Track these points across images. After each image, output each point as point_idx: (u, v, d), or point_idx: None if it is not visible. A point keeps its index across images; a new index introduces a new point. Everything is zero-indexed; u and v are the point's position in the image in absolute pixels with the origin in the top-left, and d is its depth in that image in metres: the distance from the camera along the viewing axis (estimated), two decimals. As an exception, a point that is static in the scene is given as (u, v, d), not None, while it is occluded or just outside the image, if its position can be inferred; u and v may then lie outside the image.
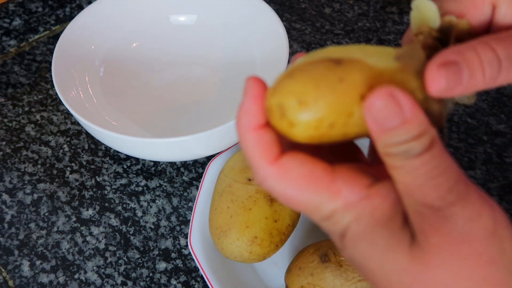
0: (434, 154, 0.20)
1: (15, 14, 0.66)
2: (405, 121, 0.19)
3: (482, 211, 0.20)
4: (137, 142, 0.43)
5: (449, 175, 0.20)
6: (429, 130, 0.20)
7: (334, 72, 0.20)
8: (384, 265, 0.21)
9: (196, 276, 0.46)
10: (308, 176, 0.21)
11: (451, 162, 0.21)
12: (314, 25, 0.66)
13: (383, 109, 0.19)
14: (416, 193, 0.20)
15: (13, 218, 0.49)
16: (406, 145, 0.20)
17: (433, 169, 0.20)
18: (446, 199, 0.20)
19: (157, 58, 0.58)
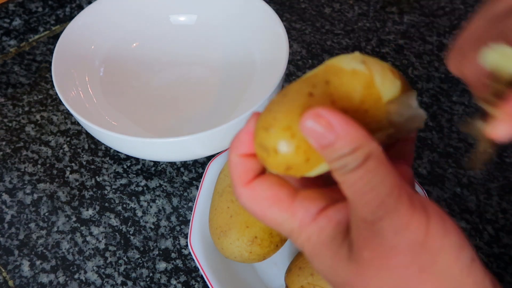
0: (368, 169, 0.21)
1: (15, 14, 0.66)
2: (338, 137, 0.21)
3: (410, 223, 0.21)
4: (137, 142, 0.43)
5: (380, 189, 0.21)
6: (364, 145, 0.21)
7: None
8: (334, 278, 0.23)
9: (196, 276, 0.46)
10: (272, 198, 0.24)
11: (387, 176, 0.21)
12: (314, 25, 0.66)
13: (314, 128, 0.21)
14: (356, 208, 0.22)
15: (13, 218, 0.49)
16: (343, 160, 0.21)
17: (366, 184, 0.21)
18: (376, 214, 0.21)
19: (157, 58, 0.58)
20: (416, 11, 0.67)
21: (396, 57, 0.62)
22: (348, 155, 0.21)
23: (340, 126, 0.21)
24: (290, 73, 0.61)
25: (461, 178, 0.51)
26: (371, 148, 0.21)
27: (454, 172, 0.52)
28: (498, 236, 0.48)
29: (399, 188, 0.21)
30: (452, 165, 0.52)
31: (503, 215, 0.49)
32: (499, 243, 0.47)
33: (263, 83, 0.51)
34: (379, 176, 0.21)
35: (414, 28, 0.65)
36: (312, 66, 0.61)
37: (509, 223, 0.49)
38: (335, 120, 0.21)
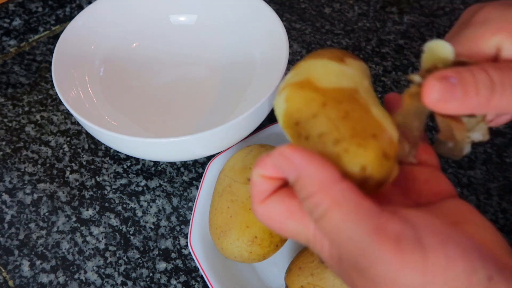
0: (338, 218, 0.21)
1: (15, 14, 0.66)
2: (300, 177, 0.22)
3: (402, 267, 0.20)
4: (137, 142, 0.43)
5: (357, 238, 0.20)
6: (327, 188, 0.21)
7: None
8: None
9: (196, 276, 0.46)
10: (285, 212, 0.24)
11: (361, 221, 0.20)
12: (314, 25, 0.66)
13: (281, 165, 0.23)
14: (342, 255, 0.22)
15: (13, 218, 0.49)
16: (308, 203, 0.22)
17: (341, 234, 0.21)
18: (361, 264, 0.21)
19: (157, 58, 0.58)
20: (416, 11, 0.67)
21: (396, 57, 0.62)
22: (310, 197, 0.22)
23: (302, 165, 0.22)
24: (290, 73, 0.61)
25: (461, 178, 0.51)
26: (335, 192, 0.21)
27: (454, 172, 0.52)
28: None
29: (379, 231, 0.20)
30: (452, 165, 0.52)
31: (503, 215, 0.49)
32: (499, 243, 0.47)
33: (263, 83, 0.51)
34: (352, 224, 0.20)
35: (414, 28, 0.65)
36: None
37: (509, 223, 0.49)
38: (298, 159, 0.22)
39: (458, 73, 0.22)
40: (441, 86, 0.22)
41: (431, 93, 0.22)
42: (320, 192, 0.21)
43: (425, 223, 0.20)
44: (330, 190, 0.21)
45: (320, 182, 0.21)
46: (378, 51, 0.63)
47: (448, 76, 0.22)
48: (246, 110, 0.43)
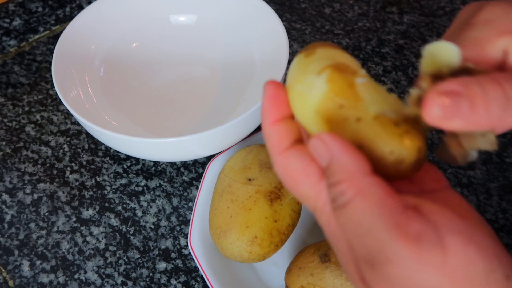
0: (360, 208, 0.20)
1: (15, 14, 0.66)
2: (331, 162, 0.22)
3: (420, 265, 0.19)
4: (137, 142, 0.43)
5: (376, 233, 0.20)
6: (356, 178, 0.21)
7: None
8: (344, 267, 0.23)
9: (196, 276, 0.46)
10: (302, 172, 0.23)
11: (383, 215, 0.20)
12: (314, 25, 0.66)
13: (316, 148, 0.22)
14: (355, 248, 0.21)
15: (13, 218, 0.49)
16: (334, 189, 0.21)
17: (359, 226, 0.21)
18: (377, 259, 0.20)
19: (157, 58, 0.58)
20: (416, 11, 0.67)
21: (396, 57, 0.62)
22: (336, 185, 0.21)
23: (338, 151, 0.22)
24: (290, 73, 0.61)
25: (461, 178, 0.51)
26: (362, 184, 0.21)
27: (454, 172, 0.52)
28: (498, 236, 0.48)
29: (400, 228, 0.20)
30: (452, 165, 0.52)
31: (503, 215, 0.49)
32: (499, 243, 0.47)
33: (263, 83, 0.51)
34: (373, 217, 0.20)
35: (414, 28, 0.65)
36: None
37: (509, 223, 0.49)
38: (335, 145, 0.22)
39: (465, 85, 0.20)
40: (444, 103, 0.20)
41: (432, 110, 0.20)
42: (348, 181, 0.21)
43: (447, 222, 0.20)
44: (359, 181, 0.21)
45: (350, 172, 0.21)
46: (378, 51, 0.63)
47: (454, 91, 0.20)
48: (246, 110, 0.43)
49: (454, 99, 0.19)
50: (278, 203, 0.40)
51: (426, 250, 0.19)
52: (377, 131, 0.22)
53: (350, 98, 0.23)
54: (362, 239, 0.20)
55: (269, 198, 0.40)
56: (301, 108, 0.24)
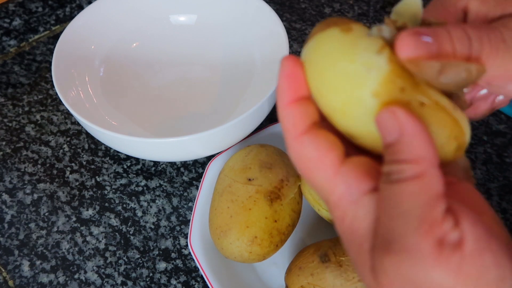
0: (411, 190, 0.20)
1: (15, 14, 0.66)
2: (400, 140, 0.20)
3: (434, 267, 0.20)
4: (137, 142, 0.43)
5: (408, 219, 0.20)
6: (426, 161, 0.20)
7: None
8: (356, 266, 0.22)
9: (196, 276, 0.46)
10: (317, 161, 0.22)
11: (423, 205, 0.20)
12: (314, 25, 0.66)
13: (386, 122, 0.21)
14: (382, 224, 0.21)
15: (13, 218, 0.49)
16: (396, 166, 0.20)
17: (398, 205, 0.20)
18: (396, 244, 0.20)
19: (157, 58, 0.58)
20: (416, 11, 0.67)
21: (396, 57, 0.62)
22: (399, 162, 0.20)
23: (410, 130, 0.20)
24: (290, 73, 0.61)
25: (461, 178, 0.51)
26: (425, 170, 0.20)
27: (454, 172, 0.52)
28: (498, 236, 0.48)
29: (430, 223, 0.20)
30: (452, 165, 0.52)
31: (503, 215, 0.49)
32: (499, 243, 0.47)
33: (263, 83, 0.51)
34: (416, 202, 0.20)
35: (414, 28, 0.65)
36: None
37: (509, 223, 0.49)
38: (408, 123, 0.20)
39: (433, 29, 0.21)
40: (415, 40, 0.20)
41: (407, 48, 0.21)
42: (414, 164, 0.20)
43: (471, 228, 0.20)
44: (425, 168, 0.20)
45: (420, 157, 0.20)
46: (378, 51, 0.63)
47: (422, 33, 0.21)
48: (246, 110, 0.43)
49: (425, 39, 0.21)
50: (278, 203, 0.40)
51: (446, 252, 0.19)
52: (442, 116, 0.21)
53: (410, 81, 0.21)
54: (391, 220, 0.20)
55: (269, 198, 0.40)
56: (346, 91, 0.21)
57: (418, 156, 0.20)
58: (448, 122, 0.22)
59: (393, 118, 0.20)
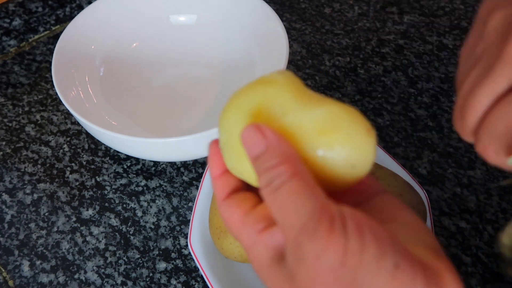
0: (292, 190, 0.22)
1: (15, 14, 0.66)
2: (268, 148, 0.23)
3: (328, 246, 0.21)
4: (137, 142, 0.43)
5: (302, 212, 0.22)
6: (291, 161, 0.23)
7: None
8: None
9: (196, 276, 0.46)
10: (230, 220, 0.26)
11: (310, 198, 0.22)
12: (314, 25, 0.66)
13: (251, 137, 0.24)
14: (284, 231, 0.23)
15: (13, 218, 0.49)
16: (269, 173, 0.23)
17: (290, 206, 0.22)
18: (299, 239, 0.22)
19: (157, 58, 0.58)
20: (416, 11, 0.67)
21: (396, 57, 0.62)
22: (274, 167, 0.23)
23: (273, 138, 0.23)
24: (290, 73, 0.61)
25: (461, 178, 0.51)
26: (298, 167, 0.23)
27: (454, 172, 0.52)
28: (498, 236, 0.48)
29: (320, 211, 0.22)
30: (452, 165, 0.52)
31: (503, 215, 0.49)
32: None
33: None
34: (303, 198, 0.22)
35: (414, 28, 0.65)
36: (312, 66, 0.61)
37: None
38: (270, 133, 0.23)
39: None
40: None
41: None
42: (286, 163, 0.23)
43: (351, 214, 0.22)
44: (296, 164, 0.23)
45: (288, 155, 0.23)
46: (378, 51, 0.63)
47: None
48: (246, 110, 0.43)
49: None
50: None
51: (335, 233, 0.21)
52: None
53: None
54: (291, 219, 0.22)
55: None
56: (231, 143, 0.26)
57: (287, 155, 0.23)
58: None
59: (258, 131, 0.24)
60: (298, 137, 0.24)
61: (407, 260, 0.22)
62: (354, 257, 0.21)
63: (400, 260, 0.22)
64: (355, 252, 0.21)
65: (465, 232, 0.48)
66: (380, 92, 0.58)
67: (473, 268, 0.46)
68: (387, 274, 0.21)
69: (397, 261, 0.21)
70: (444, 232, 0.48)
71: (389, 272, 0.21)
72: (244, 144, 0.24)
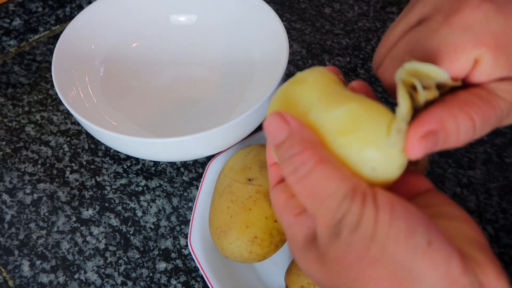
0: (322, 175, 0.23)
1: (15, 14, 0.66)
2: (290, 134, 0.23)
3: (361, 220, 0.22)
4: (137, 142, 0.43)
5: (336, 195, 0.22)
6: (315, 147, 0.23)
7: None
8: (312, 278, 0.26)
9: (196, 276, 0.46)
10: (274, 204, 0.27)
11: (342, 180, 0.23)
12: (314, 25, 0.66)
13: (273, 123, 0.24)
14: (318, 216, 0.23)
15: (13, 218, 0.49)
16: (293, 161, 0.23)
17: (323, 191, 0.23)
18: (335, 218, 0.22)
19: (157, 58, 0.58)
20: (416, 11, 0.67)
21: (396, 57, 0.62)
22: (297, 154, 0.23)
23: (296, 125, 0.24)
24: (290, 73, 0.61)
25: (461, 178, 0.51)
26: (322, 153, 0.23)
27: (454, 172, 0.52)
28: (498, 236, 0.48)
29: (353, 190, 0.22)
30: (452, 165, 0.52)
31: (503, 215, 0.49)
32: (499, 243, 0.47)
33: (263, 83, 0.51)
34: (333, 182, 0.22)
35: (414, 28, 0.65)
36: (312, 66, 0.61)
37: (509, 223, 0.49)
38: (293, 120, 0.24)
39: (443, 123, 0.23)
40: (425, 144, 0.23)
41: (416, 153, 0.23)
42: (309, 150, 0.23)
43: (383, 192, 0.23)
44: (320, 150, 0.23)
45: (312, 142, 0.23)
46: (378, 51, 0.63)
47: (433, 131, 0.23)
48: (246, 110, 0.43)
49: (433, 138, 0.23)
50: (278, 203, 0.40)
51: (367, 207, 0.22)
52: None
53: None
54: (326, 204, 0.23)
55: (269, 198, 0.40)
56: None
57: (310, 142, 0.23)
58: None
59: (280, 118, 0.24)
60: (320, 136, 0.24)
61: (442, 240, 0.21)
62: (383, 230, 0.21)
63: (434, 238, 0.21)
64: (385, 225, 0.21)
65: (465, 232, 0.48)
66: (380, 92, 0.58)
67: (473, 268, 0.46)
68: (418, 250, 0.21)
69: (430, 238, 0.21)
70: (444, 232, 0.48)
71: (420, 248, 0.21)
72: (266, 131, 0.24)
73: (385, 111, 0.23)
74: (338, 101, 0.24)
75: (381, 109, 0.23)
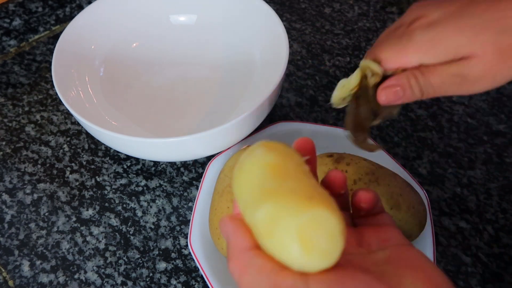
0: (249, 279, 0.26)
1: (15, 14, 0.66)
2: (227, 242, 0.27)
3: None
4: (137, 142, 0.43)
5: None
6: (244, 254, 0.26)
7: None
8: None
9: (196, 276, 0.46)
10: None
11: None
12: (314, 25, 0.66)
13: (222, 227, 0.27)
14: None
15: (13, 218, 0.49)
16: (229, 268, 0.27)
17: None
18: None
19: (157, 58, 0.58)
20: (416, 11, 0.67)
21: (396, 57, 0.62)
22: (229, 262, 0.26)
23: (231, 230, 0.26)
24: (290, 73, 0.61)
25: (461, 178, 0.51)
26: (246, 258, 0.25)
27: (454, 172, 0.52)
28: (498, 236, 0.48)
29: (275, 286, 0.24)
30: (452, 165, 0.52)
31: (503, 215, 0.49)
32: (499, 243, 0.47)
33: (263, 83, 0.51)
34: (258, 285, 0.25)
35: (414, 28, 0.65)
36: (312, 66, 0.61)
37: (509, 223, 0.49)
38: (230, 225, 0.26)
39: (398, 80, 0.33)
40: (388, 93, 0.34)
41: (384, 98, 0.34)
42: (235, 259, 0.26)
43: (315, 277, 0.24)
44: (242, 258, 0.25)
45: (237, 249, 0.25)
46: (378, 51, 0.63)
47: (392, 85, 0.34)
48: (246, 110, 0.43)
49: (394, 90, 0.34)
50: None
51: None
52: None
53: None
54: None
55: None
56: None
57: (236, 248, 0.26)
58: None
59: (223, 224, 0.27)
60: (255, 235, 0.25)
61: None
62: None
63: None
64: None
65: (465, 232, 0.48)
66: (380, 92, 0.58)
67: (473, 268, 0.46)
68: None
69: None
70: (444, 232, 0.48)
71: None
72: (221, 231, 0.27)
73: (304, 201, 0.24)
74: (260, 200, 0.25)
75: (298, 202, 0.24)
